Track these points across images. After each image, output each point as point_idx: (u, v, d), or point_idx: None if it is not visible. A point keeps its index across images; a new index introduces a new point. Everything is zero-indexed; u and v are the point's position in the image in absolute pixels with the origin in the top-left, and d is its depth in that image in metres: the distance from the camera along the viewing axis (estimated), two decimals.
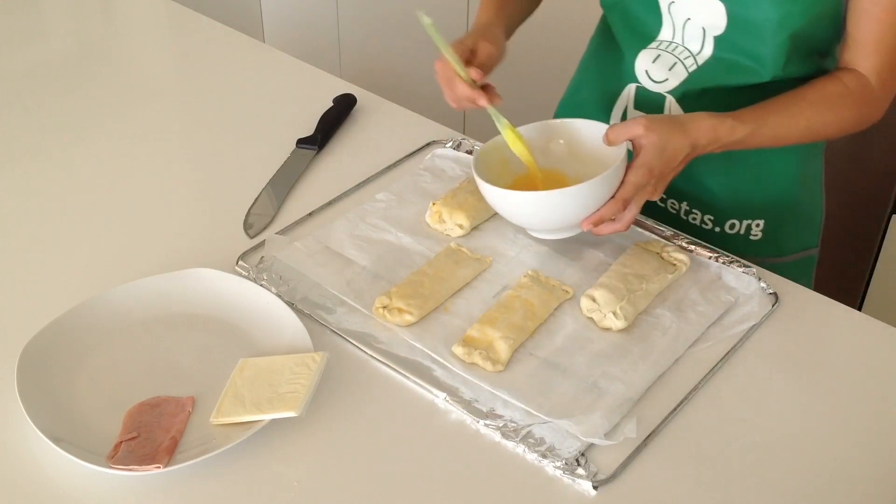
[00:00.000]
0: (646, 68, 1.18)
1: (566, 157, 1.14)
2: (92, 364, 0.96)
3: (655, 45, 1.17)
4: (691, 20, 1.12)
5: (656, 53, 1.17)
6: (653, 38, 1.17)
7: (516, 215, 1.07)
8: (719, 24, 1.10)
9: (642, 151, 1.02)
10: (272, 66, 1.56)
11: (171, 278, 1.04)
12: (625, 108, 1.23)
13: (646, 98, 1.20)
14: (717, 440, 0.91)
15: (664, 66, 1.17)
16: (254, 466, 0.87)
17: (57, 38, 1.68)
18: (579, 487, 0.86)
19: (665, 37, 1.16)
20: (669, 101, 1.18)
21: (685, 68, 1.15)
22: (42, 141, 1.35)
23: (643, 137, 1.02)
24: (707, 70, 1.14)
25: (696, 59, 1.14)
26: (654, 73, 1.18)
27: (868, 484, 0.87)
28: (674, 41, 1.15)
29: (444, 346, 0.98)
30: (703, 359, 0.99)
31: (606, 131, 1.05)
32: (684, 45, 1.15)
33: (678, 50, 1.15)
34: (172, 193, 1.25)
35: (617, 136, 1.04)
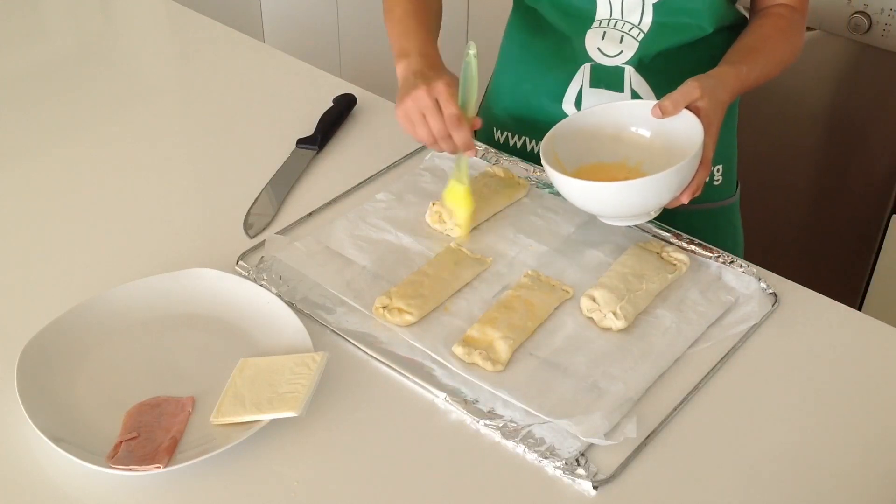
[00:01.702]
0: (597, 46, 1.21)
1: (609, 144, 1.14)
2: (92, 364, 0.96)
3: (598, 25, 1.20)
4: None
5: (602, 31, 1.20)
6: (591, 19, 1.20)
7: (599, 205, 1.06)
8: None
9: (704, 112, 1.04)
10: (272, 66, 1.56)
11: (171, 278, 1.04)
12: (579, 88, 1.24)
13: (603, 74, 1.23)
14: (717, 440, 0.91)
15: (613, 41, 1.20)
16: (254, 466, 0.87)
17: (57, 38, 1.68)
18: (579, 487, 0.86)
19: (603, 15, 1.20)
20: (629, 70, 1.21)
21: (633, 39, 1.19)
22: (42, 141, 1.35)
23: (701, 100, 1.04)
24: (654, 36, 1.19)
25: (641, 29, 1.18)
26: (606, 49, 1.21)
27: (868, 484, 0.87)
28: (612, 17, 1.19)
29: (444, 346, 0.98)
30: (703, 359, 0.99)
31: (660, 103, 1.06)
32: (624, 19, 1.19)
33: (619, 24, 1.19)
34: (172, 193, 1.25)
35: (675, 104, 1.05)
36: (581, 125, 1.12)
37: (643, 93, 1.22)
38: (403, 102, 1.07)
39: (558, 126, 1.11)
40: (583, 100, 1.25)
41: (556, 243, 1.13)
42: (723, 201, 1.33)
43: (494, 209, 1.17)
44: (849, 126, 1.90)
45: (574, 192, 1.05)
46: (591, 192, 1.04)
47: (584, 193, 1.05)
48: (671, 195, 1.03)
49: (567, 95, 1.26)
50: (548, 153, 1.08)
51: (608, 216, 1.08)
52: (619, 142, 1.13)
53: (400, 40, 1.17)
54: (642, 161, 1.12)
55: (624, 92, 1.23)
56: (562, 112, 1.26)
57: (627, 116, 1.12)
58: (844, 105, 1.87)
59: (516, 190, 1.20)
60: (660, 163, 1.06)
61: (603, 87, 1.23)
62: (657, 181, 1.00)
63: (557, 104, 1.26)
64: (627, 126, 1.12)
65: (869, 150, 1.92)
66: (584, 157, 1.12)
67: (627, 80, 1.22)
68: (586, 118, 1.13)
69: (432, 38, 1.19)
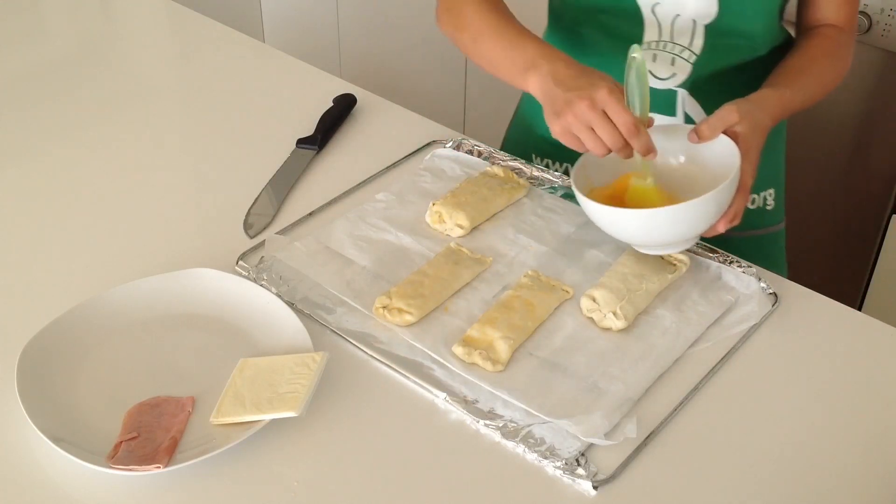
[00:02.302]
0: (648, 69, 1.17)
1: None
2: (92, 364, 0.96)
3: (647, 47, 1.17)
4: (680, 16, 1.13)
5: (652, 54, 1.17)
6: (639, 41, 1.17)
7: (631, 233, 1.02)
8: (710, 12, 1.12)
9: (742, 137, 1.01)
10: (272, 66, 1.56)
11: (171, 278, 1.04)
12: None
13: (654, 97, 1.16)
14: (717, 440, 0.91)
15: (665, 63, 1.17)
16: (254, 466, 0.87)
17: (57, 38, 1.68)
18: (579, 487, 0.86)
19: (651, 37, 1.17)
20: (682, 94, 1.18)
21: (685, 61, 1.16)
22: (42, 141, 1.35)
23: (739, 125, 1.01)
24: (707, 58, 1.16)
25: (692, 51, 1.16)
26: (658, 72, 1.18)
27: (868, 484, 0.87)
28: (661, 39, 1.16)
29: (444, 346, 0.98)
30: (703, 359, 0.99)
31: (697, 128, 1.02)
32: (673, 41, 1.16)
33: (669, 46, 1.16)
34: (172, 193, 1.25)
35: (713, 129, 1.01)
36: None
37: (696, 116, 1.19)
38: (563, 120, 0.99)
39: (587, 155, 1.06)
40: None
41: (556, 243, 1.13)
42: (772, 227, 1.29)
43: (494, 209, 1.17)
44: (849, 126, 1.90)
45: (605, 219, 1.01)
46: (623, 219, 1.00)
47: (616, 221, 1.00)
48: (706, 223, 0.99)
49: None
50: (579, 179, 1.04)
51: (641, 245, 1.05)
52: (652, 167, 1.06)
53: (514, 55, 1.08)
54: (678, 188, 1.06)
55: (676, 115, 1.20)
56: None
57: (662, 141, 1.05)
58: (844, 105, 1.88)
59: (516, 190, 1.20)
60: (696, 190, 1.01)
61: (654, 110, 1.16)
62: (690, 208, 0.96)
63: None
64: (662, 151, 1.05)
65: (869, 150, 1.92)
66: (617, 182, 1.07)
67: (680, 103, 1.19)
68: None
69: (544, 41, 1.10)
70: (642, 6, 1.14)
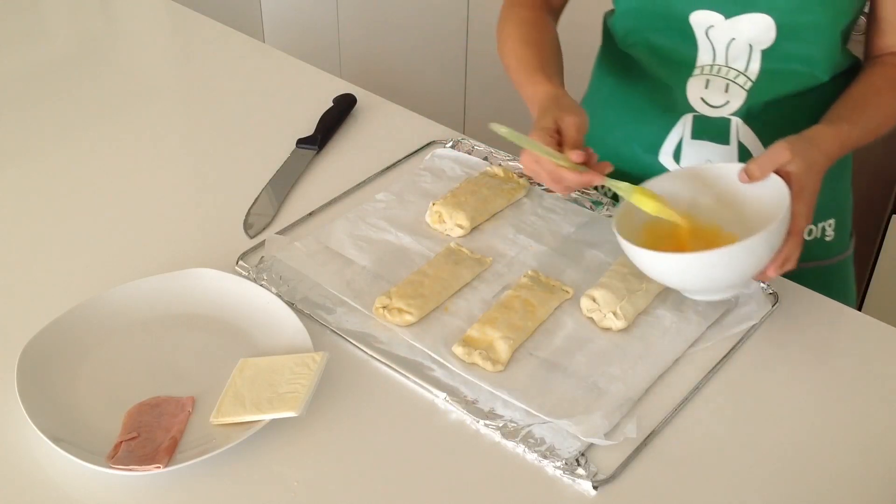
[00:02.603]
0: (700, 95, 1.14)
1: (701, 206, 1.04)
2: (92, 364, 0.96)
3: (699, 72, 1.13)
4: (736, 40, 1.09)
5: (705, 79, 1.13)
6: (692, 65, 1.13)
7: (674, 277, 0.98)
8: (767, 36, 1.08)
9: (794, 177, 0.96)
10: (272, 66, 1.56)
11: (171, 278, 1.04)
12: (679, 140, 1.17)
13: (707, 125, 1.15)
14: (717, 440, 0.91)
15: (719, 89, 1.13)
16: (254, 466, 0.87)
17: (57, 38, 1.68)
18: (579, 487, 0.86)
19: (705, 61, 1.13)
20: (736, 123, 1.14)
21: (740, 87, 1.12)
22: (42, 141, 1.35)
23: (791, 163, 0.96)
24: (763, 84, 1.11)
25: (748, 76, 1.11)
26: (711, 99, 1.14)
27: (868, 484, 0.87)
28: (716, 64, 1.12)
29: (444, 346, 0.98)
30: (703, 359, 0.99)
31: (747, 167, 0.98)
32: (728, 65, 1.12)
33: (723, 71, 1.12)
34: (172, 193, 1.25)
35: (763, 169, 0.97)
36: (658, 189, 1.02)
37: (751, 146, 1.15)
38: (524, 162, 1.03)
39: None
40: (682, 152, 1.17)
41: (556, 243, 1.13)
42: (835, 258, 1.23)
43: (494, 209, 1.17)
44: None
45: (645, 263, 0.97)
46: (664, 263, 0.95)
47: (656, 265, 0.96)
48: (752, 269, 0.94)
49: (665, 147, 1.18)
50: (621, 220, 1.00)
51: (685, 290, 1.01)
52: (698, 208, 1.03)
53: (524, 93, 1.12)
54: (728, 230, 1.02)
55: (730, 144, 1.15)
56: (658, 164, 1.19)
57: (709, 180, 1.03)
58: None
59: (516, 190, 1.20)
60: (745, 233, 0.97)
61: (707, 139, 1.16)
62: (734, 252, 0.91)
63: (653, 155, 1.19)
64: (709, 191, 1.03)
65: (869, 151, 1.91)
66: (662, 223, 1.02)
67: (734, 132, 1.14)
68: (663, 182, 1.04)
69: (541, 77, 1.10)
70: (696, 28, 1.11)
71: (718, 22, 1.09)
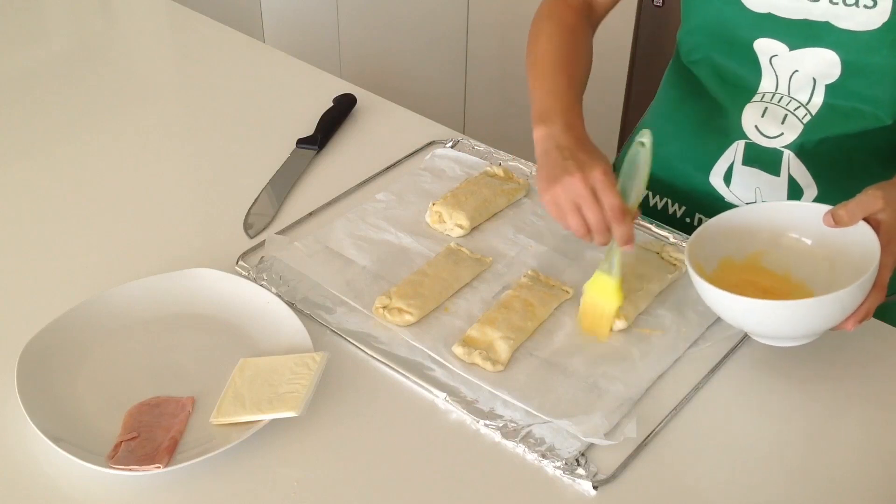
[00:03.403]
0: (755, 123, 1.12)
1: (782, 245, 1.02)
2: (92, 364, 0.96)
3: (759, 98, 1.11)
4: (799, 72, 1.07)
5: (763, 107, 1.11)
6: (753, 91, 1.11)
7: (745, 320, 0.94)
8: (832, 72, 1.06)
9: (885, 227, 0.92)
10: (272, 66, 1.56)
11: (171, 278, 1.04)
12: (729, 165, 1.16)
13: (758, 154, 1.13)
14: (716, 440, 0.91)
15: (775, 119, 1.11)
16: (254, 466, 0.87)
17: (57, 38, 1.68)
18: (579, 487, 0.86)
19: (767, 88, 1.10)
20: (787, 155, 1.11)
21: (798, 120, 1.09)
22: (42, 141, 1.35)
23: (883, 212, 0.92)
24: (822, 119, 1.09)
25: (808, 109, 1.09)
26: (765, 129, 1.12)
27: (868, 484, 0.87)
28: (778, 92, 1.10)
29: (444, 346, 0.98)
30: (703, 359, 0.99)
31: (834, 211, 0.94)
32: (791, 95, 1.09)
33: (784, 101, 1.10)
34: (172, 193, 1.25)
35: (853, 216, 0.93)
36: (736, 222, 1.00)
37: (802, 180, 1.12)
38: (553, 189, 0.97)
39: (708, 225, 1.00)
40: (733, 176, 1.16)
41: (556, 243, 1.13)
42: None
43: (494, 209, 1.17)
44: None
45: (719, 304, 0.94)
46: (739, 307, 0.92)
47: (730, 307, 0.93)
48: (833, 321, 0.91)
49: (716, 169, 1.17)
50: (694, 256, 0.96)
51: (755, 334, 0.98)
52: (777, 247, 1.01)
53: (544, 100, 1.06)
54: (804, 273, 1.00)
55: (780, 176, 1.13)
56: (708, 184, 1.18)
57: (789, 218, 1.00)
58: None
59: (516, 190, 1.20)
60: (823, 278, 0.96)
61: (758, 167, 1.13)
62: (816, 305, 0.88)
63: (704, 175, 1.18)
64: (788, 230, 1.00)
65: None
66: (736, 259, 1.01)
67: (785, 164, 1.11)
68: (742, 216, 1.01)
69: (579, 104, 1.07)
70: (760, 55, 1.09)
71: (782, 52, 1.07)
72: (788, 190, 1.14)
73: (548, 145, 1.01)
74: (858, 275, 0.88)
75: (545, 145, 1.02)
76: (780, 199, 1.14)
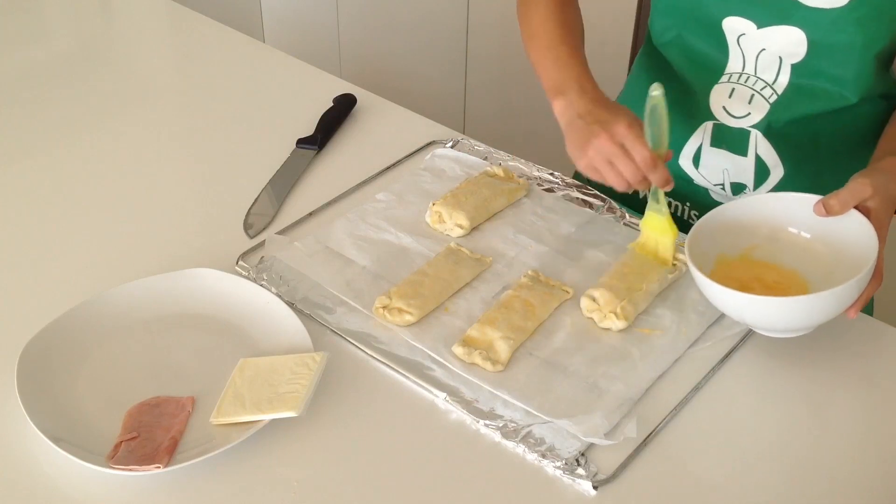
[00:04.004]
0: (723, 104, 1.14)
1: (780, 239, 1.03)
2: (92, 364, 0.96)
3: (726, 79, 1.13)
4: (766, 50, 1.09)
5: (731, 87, 1.13)
6: (720, 71, 1.13)
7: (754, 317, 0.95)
8: (798, 51, 1.07)
9: (874, 214, 0.94)
10: (272, 66, 1.56)
11: (171, 278, 1.04)
12: (698, 147, 1.18)
13: (726, 134, 1.15)
14: (717, 440, 0.91)
15: (742, 100, 1.12)
16: (254, 466, 0.87)
17: (57, 38, 1.68)
18: (579, 487, 0.86)
19: (734, 68, 1.12)
20: (755, 135, 1.13)
21: (765, 99, 1.11)
22: (42, 141, 1.35)
23: (872, 199, 0.94)
24: (788, 99, 1.10)
25: (774, 89, 1.10)
26: (733, 109, 1.13)
27: (868, 484, 0.87)
28: (744, 72, 1.11)
29: (444, 346, 0.98)
30: (703, 359, 0.99)
31: (825, 201, 0.96)
32: (757, 75, 1.11)
33: (751, 81, 1.11)
34: (172, 193, 1.25)
35: (843, 204, 0.94)
36: (732, 217, 1.01)
37: (769, 160, 1.14)
38: (585, 156, 1.00)
39: (705, 219, 1.02)
40: (702, 158, 1.18)
41: (556, 243, 1.13)
42: None
43: (494, 209, 1.17)
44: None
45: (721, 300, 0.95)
46: (749, 305, 0.93)
47: (733, 304, 0.94)
48: (834, 313, 0.92)
49: (685, 151, 1.19)
50: (694, 252, 0.98)
51: (761, 328, 0.98)
52: (776, 242, 1.02)
53: (553, 73, 1.08)
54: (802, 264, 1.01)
55: (747, 156, 1.15)
56: (677, 166, 1.20)
57: (784, 211, 1.02)
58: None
59: (516, 190, 1.20)
60: (823, 268, 0.97)
61: (725, 148, 1.16)
62: (816, 300, 0.90)
63: (673, 157, 1.19)
64: (785, 224, 1.02)
65: None
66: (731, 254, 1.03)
67: (752, 144, 1.13)
68: (737, 210, 1.03)
69: (587, 69, 1.09)
70: (728, 34, 1.10)
71: (750, 31, 1.08)
72: (755, 171, 1.16)
73: (569, 115, 1.04)
74: (857, 264, 0.90)
75: (567, 116, 1.05)
76: (748, 181, 1.17)
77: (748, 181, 1.17)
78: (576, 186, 1.23)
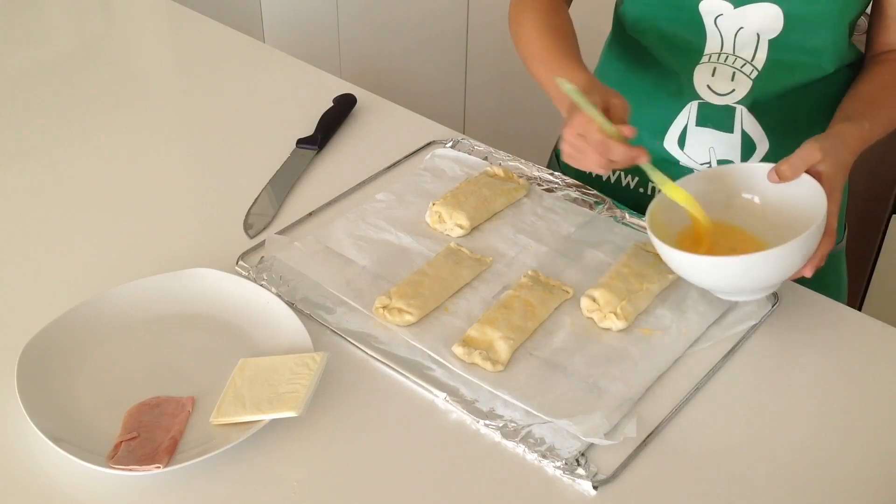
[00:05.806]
0: (707, 83, 1.15)
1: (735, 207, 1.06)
2: (92, 364, 0.96)
3: (707, 60, 1.14)
4: (744, 28, 1.10)
5: (712, 67, 1.14)
6: (700, 53, 1.14)
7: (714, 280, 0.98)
8: (774, 26, 1.10)
9: (826, 177, 0.96)
10: (272, 66, 1.56)
11: (171, 278, 1.04)
12: (684, 126, 1.19)
13: (711, 112, 1.17)
14: (717, 440, 0.91)
15: (724, 77, 1.14)
16: (254, 466, 0.87)
17: (57, 38, 1.68)
18: (579, 487, 0.86)
19: (713, 49, 1.14)
20: (740, 111, 1.15)
21: (746, 76, 1.13)
22: (42, 140, 1.35)
23: (822, 163, 0.96)
24: (769, 74, 1.13)
25: (754, 65, 1.12)
26: (717, 87, 1.15)
27: (868, 484, 0.87)
28: (723, 52, 1.13)
29: (444, 346, 0.98)
30: (703, 359, 0.99)
31: (777, 167, 0.98)
32: (736, 53, 1.13)
33: (731, 59, 1.13)
34: (172, 193, 1.25)
35: (795, 169, 0.97)
36: (690, 189, 1.02)
37: (755, 135, 1.16)
38: (563, 151, 1.03)
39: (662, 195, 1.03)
40: (687, 138, 1.19)
41: (556, 243, 1.13)
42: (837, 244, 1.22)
43: (494, 209, 1.17)
44: None
45: (684, 266, 0.97)
46: (705, 266, 0.95)
47: (697, 268, 0.96)
48: (793, 269, 0.95)
49: (670, 133, 1.20)
50: (654, 222, 1.00)
51: (717, 291, 1.01)
52: (731, 209, 1.05)
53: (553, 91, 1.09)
54: (758, 230, 1.04)
55: (734, 132, 1.17)
56: (663, 150, 1.21)
57: (739, 180, 1.04)
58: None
59: (516, 190, 1.20)
60: (778, 232, 0.98)
61: (711, 126, 1.17)
62: (777, 255, 0.92)
63: (658, 141, 1.21)
64: (740, 191, 1.05)
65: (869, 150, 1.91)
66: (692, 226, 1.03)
67: (738, 120, 1.15)
68: (694, 182, 1.04)
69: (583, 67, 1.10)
70: (705, 17, 1.12)
71: (727, 11, 1.10)
72: (742, 146, 1.17)
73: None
74: (809, 225, 0.93)
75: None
76: (734, 157, 1.18)
77: (735, 157, 1.19)
78: (576, 186, 1.23)
